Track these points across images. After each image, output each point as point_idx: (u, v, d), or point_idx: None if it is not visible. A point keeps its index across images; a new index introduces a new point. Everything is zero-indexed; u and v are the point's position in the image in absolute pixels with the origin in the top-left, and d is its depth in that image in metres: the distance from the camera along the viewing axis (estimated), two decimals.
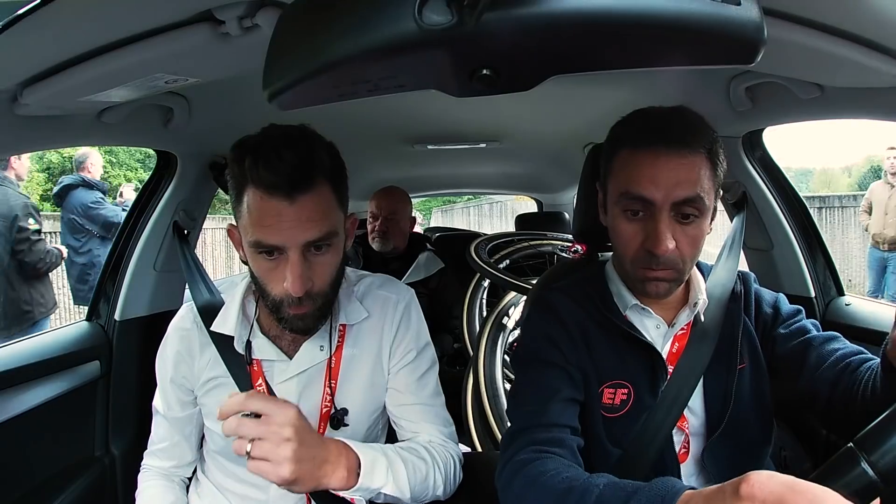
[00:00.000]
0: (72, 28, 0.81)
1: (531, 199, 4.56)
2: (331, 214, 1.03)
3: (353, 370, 1.19)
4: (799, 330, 1.09)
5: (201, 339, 1.20)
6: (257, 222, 0.99)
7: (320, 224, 1.00)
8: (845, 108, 1.20)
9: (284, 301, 1.03)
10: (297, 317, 1.06)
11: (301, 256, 1.00)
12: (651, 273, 1.01)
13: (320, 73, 0.52)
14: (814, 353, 1.04)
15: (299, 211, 0.97)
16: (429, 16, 0.46)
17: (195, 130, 1.54)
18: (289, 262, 1.00)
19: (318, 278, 1.04)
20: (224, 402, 0.91)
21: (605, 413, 1.08)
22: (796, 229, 1.65)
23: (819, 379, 1.02)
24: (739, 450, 1.07)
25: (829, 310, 1.63)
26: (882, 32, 0.82)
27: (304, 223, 0.98)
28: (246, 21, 0.81)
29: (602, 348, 1.09)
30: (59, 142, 1.31)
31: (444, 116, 2.10)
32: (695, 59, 0.54)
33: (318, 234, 1.00)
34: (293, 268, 0.99)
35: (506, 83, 0.55)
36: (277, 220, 0.97)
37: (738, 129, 1.56)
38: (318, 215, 1.00)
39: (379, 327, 1.21)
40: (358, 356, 1.19)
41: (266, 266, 1.03)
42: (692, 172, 0.97)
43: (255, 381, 1.15)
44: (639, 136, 1.01)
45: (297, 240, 0.99)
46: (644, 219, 1.00)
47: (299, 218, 0.98)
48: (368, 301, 1.22)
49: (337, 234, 1.05)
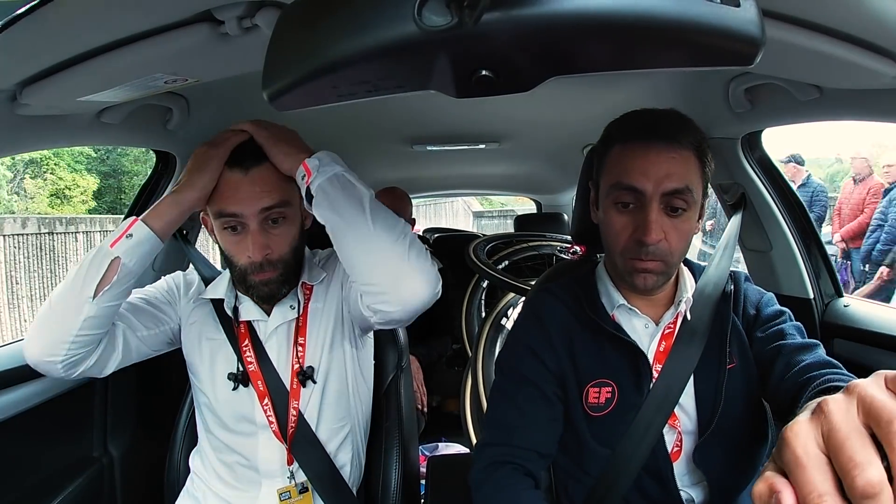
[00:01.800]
0: (71, 28, 0.81)
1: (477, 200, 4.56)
2: (283, 186, 1.16)
3: (318, 327, 1.30)
4: (774, 335, 1.09)
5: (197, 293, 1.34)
6: (219, 195, 1.15)
7: (272, 194, 1.14)
8: (844, 110, 1.20)
9: (248, 269, 1.17)
10: (262, 282, 1.19)
11: (259, 227, 1.15)
12: (640, 264, 1.03)
13: (320, 74, 0.52)
14: (782, 362, 1.04)
15: (252, 181, 1.13)
16: (428, 17, 0.46)
17: (194, 130, 1.54)
18: (248, 232, 1.15)
19: (275, 246, 1.18)
20: None
21: (592, 412, 1.10)
22: (795, 231, 1.65)
23: (780, 389, 1.02)
24: (732, 448, 1.08)
25: (828, 311, 1.63)
26: (881, 34, 0.82)
27: (258, 193, 1.13)
28: (245, 21, 0.81)
29: (586, 348, 1.12)
30: (59, 141, 1.31)
31: (444, 117, 2.10)
32: (694, 60, 0.54)
33: (271, 201, 1.14)
34: (253, 236, 1.14)
35: (505, 84, 0.55)
36: (235, 190, 1.13)
37: (737, 131, 1.56)
38: (270, 186, 1.14)
39: (338, 283, 1.32)
40: (321, 311, 1.31)
41: (232, 240, 1.17)
42: (681, 166, 1.01)
43: (242, 342, 1.27)
44: (630, 132, 1.05)
45: (254, 207, 1.13)
46: (634, 210, 1.03)
47: (253, 188, 1.13)
48: (328, 265, 1.35)
49: (290, 205, 1.18)
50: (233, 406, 1.26)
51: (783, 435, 0.44)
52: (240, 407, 1.26)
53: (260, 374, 1.25)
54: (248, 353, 1.26)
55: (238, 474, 1.27)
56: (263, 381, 1.25)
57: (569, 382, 1.12)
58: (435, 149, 2.57)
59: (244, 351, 1.26)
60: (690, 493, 1.11)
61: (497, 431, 1.12)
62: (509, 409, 1.12)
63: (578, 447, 1.12)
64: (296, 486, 1.25)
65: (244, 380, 1.25)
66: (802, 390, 0.95)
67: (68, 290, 1.08)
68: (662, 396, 1.07)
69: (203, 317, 1.31)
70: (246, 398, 1.26)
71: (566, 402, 1.13)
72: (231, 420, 1.27)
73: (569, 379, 1.12)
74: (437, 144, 2.52)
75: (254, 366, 1.25)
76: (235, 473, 1.27)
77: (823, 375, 0.94)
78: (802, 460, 0.42)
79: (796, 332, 1.09)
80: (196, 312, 1.32)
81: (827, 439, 0.42)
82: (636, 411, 1.07)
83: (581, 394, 1.11)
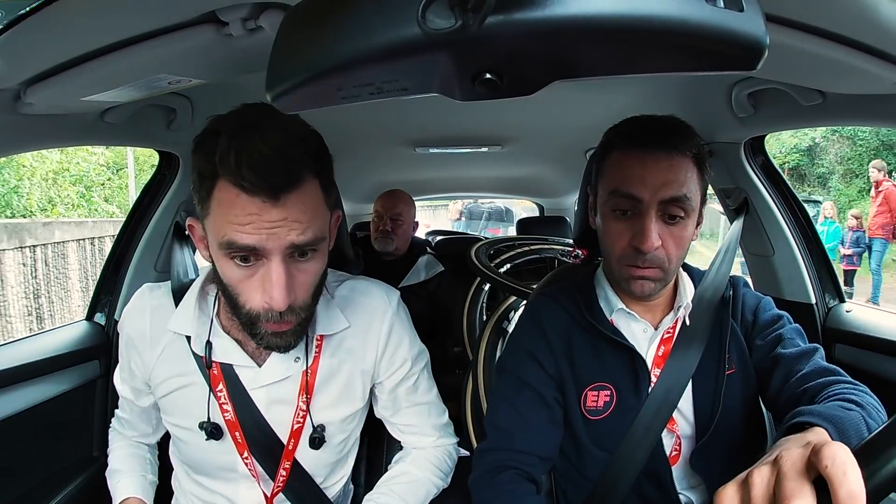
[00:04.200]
0: (75, 27, 0.81)
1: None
2: (319, 216, 0.89)
3: (330, 382, 1.11)
4: (773, 342, 1.09)
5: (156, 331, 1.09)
6: (232, 220, 0.83)
7: (308, 227, 0.86)
8: (847, 115, 1.20)
9: (262, 316, 0.89)
10: (276, 334, 0.93)
11: (283, 263, 0.86)
12: (637, 271, 1.04)
13: (323, 76, 0.52)
14: (780, 372, 1.04)
15: (284, 212, 0.83)
16: (432, 19, 0.46)
17: (198, 131, 1.53)
18: (269, 270, 0.86)
19: (300, 289, 0.90)
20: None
21: (590, 416, 1.11)
22: (797, 236, 1.65)
23: (780, 399, 1.02)
24: (731, 453, 1.08)
25: (830, 316, 1.63)
26: (884, 39, 0.82)
27: (290, 224, 0.84)
28: (249, 23, 0.81)
29: (585, 352, 1.13)
30: (62, 141, 1.32)
31: (447, 120, 2.11)
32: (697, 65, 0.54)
33: (306, 238, 0.86)
34: (277, 278, 0.85)
35: (509, 88, 0.55)
36: (257, 218, 0.82)
37: (739, 135, 1.56)
38: (305, 217, 0.85)
39: (361, 338, 1.12)
40: (336, 367, 1.11)
41: (239, 274, 0.88)
42: (679, 173, 1.01)
43: (216, 386, 1.04)
44: (629, 139, 1.05)
45: (282, 243, 0.84)
46: (632, 218, 1.03)
47: (284, 219, 0.83)
48: (350, 310, 1.12)
49: (325, 239, 0.92)
50: (208, 455, 1.09)
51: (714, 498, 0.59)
52: (216, 456, 1.09)
53: (238, 426, 1.05)
54: (223, 399, 1.05)
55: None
56: (242, 434, 1.06)
57: (567, 386, 1.12)
58: (437, 151, 2.57)
59: (218, 397, 1.04)
60: (689, 497, 1.12)
61: (498, 435, 1.12)
62: (509, 412, 1.13)
63: (577, 451, 1.13)
64: None
65: (216, 433, 1.05)
66: (800, 403, 0.95)
67: None
68: (661, 400, 1.07)
69: (172, 346, 1.08)
70: (224, 448, 1.07)
71: (565, 405, 1.13)
72: (208, 467, 1.12)
73: (567, 383, 1.12)
74: (439, 147, 2.52)
75: (230, 415, 1.05)
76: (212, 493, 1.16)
77: (821, 386, 0.94)
78: None
79: (796, 336, 1.09)
80: (165, 340, 1.08)
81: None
82: (635, 415, 1.07)
83: (579, 397, 1.12)
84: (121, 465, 1.22)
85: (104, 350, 1.67)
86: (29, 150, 1.32)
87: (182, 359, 1.06)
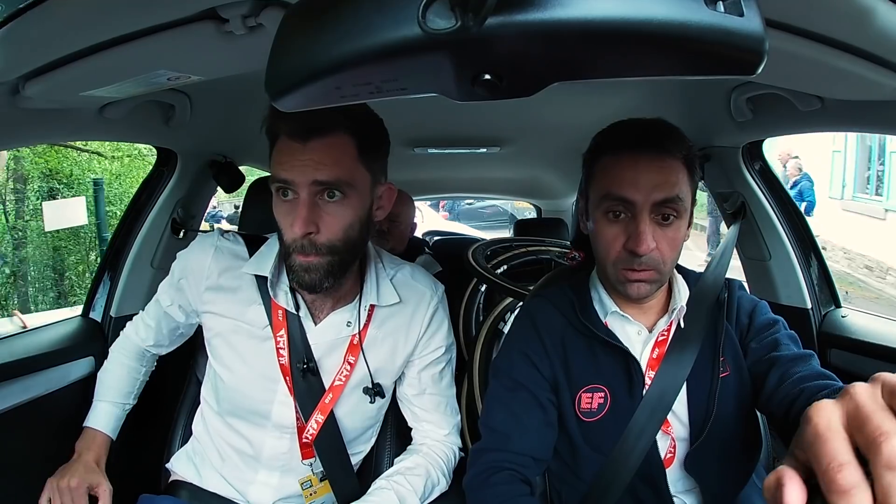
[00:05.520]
0: (75, 22, 0.81)
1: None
2: (345, 163, 1.05)
3: (375, 350, 1.22)
4: (768, 345, 1.10)
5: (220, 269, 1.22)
6: (275, 160, 1.05)
7: (331, 168, 1.03)
8: (845, 121, 1.21)
9: (293, 246, 1.06)
10: (303, 266, 1.06)
11: (310, 197, 1.03)
12: (633, 274, 1.04)
13: (323, 75, 0.52)
14: (776, 374, 1.04)
15: (311, 152, 1.02)
16: (432, 19, 0.46)
17: (196, 128, 1.54)
18: (298, 202, 1.04)
19: (325, 227, 1.05)
20: None
21: (584, 418, 1.11)
22: (794, 240, 1.65)
23: (774, 400, 1.02)
24: (725, 456, 1.08)
25: (826, 321, 1.63)
26: (883, 46, 0.83)
27: (314, 163, 1.02)
28: (250, 20, 0.81)
29: (579, 354, 1.13)
30: (60, 136, 1.31)
31: (446, 121, 2.11)
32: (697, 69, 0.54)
33: (327, 176, 1.03)
34: (301, 207, 1.03)
35: (508, 89, 0.55)
36: (290, 157, 1.03)
37: (738, 140, 1.56)
38: (329, 160, 1.03)
39: (408, 316, 1.24)
40: (380, 339, 1.22)
41: (283, 208, 1.07)
42: (671, 175, 1.02)
43: (277, 331, 1.17)
44: (619, 143, 1.06)
45: (306, 177, 1.02)
46: (625, 221, 1.04)
47: (311, 158, 1.02)
48: (403, 289, 1.25)
49: (352, 186, 1.06)
50: (248, 397, 1.21)
51: (806, 414, 0.44)
52: (255, 401, 1.20)
53: (289, 370, 1.18)
54: (281, 344, 1.18)
55: (238, 457, 1.25)
56: (291, 379, 1.18)
57: (562, 388, 1.13)
58: (436, 152, 2.57)
59: (277, 341, 1.18)
60: (683, 500, 1.12)
61: (493, 437, 1.13)
62: (504, 414, 1.13)
63: (572, 453, 1.13)
64: (316, 475, 1.26)
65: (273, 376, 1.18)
66: (796, 402, 0.95)
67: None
68: (655, 403, 1.07)
69: (238, 289, 1.20)
70: (266, 392, 1.20)
71: (559, 407, 1.13)
72: (243, 410, 1.22)
73: (562, 384, 1.13)
74: (437, 147, 2.52)
75: (285, 360, 1.17)
76: (235, 455, 1.26)
77: (818, 388, 0.94)
78: (824, 434, 0.41)
79: (791, 341, 1.10)
80: (228, 279, 1.21)
81: (852, 416, 0.42)
82: (629, 417, 1.08)
83: (574, 399, 1.12)
84: (110, 380, 1.38)
85: (100, 346, 1.66)
86: (27, 145, 1.32)
87: (244, 302, 1.20)
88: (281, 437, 1.22)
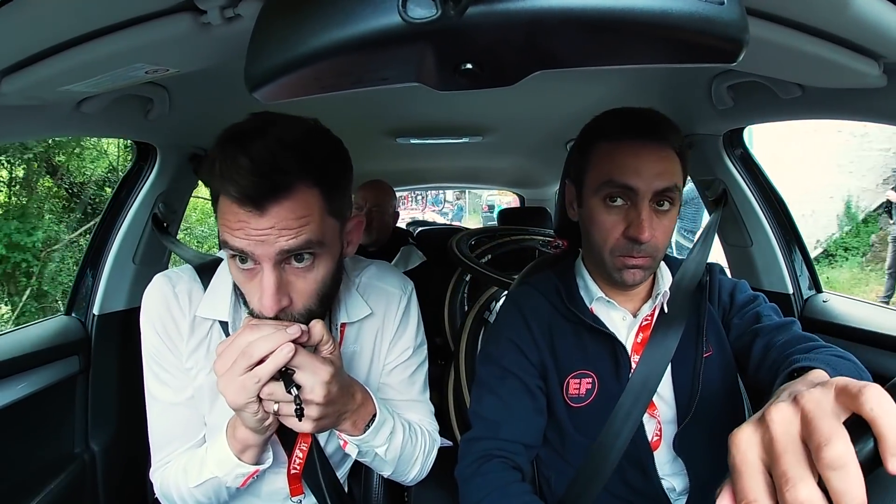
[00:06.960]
0: (51, 16, 0.79)
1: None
2: (314, 221, 0.88)
3: (351, 368, 1.13)
4: (751, 318, 1.13)
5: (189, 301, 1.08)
6: (224, 223, 0.87)
7: (297, 232, 0.86)
8: (825, 109, 1.22)
9: (260, 316, 0.90)
10: None
11: (275, 270, 0.87)
12: (631, 260, 1.06)
13: (303, 65, 0.52)
14: (761, 343, 1.07)
15: (270, 220, 0.84)
16: (413, 9, 0.46)
17: (176, 121, 1.51)
18: (262, 275, 0.87)
19: (298, 295, 0.91)
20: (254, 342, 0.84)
21: (572, 404, 1.13)
22: (775, 226, 1.67)
23: (762, 368, 1.05)
24: (711, 437, 1.10)
25: (807, 307, 1.66)
26: (863, 34, 0.83)
27: (278, 231, 0.85)
28: (228, 11, 0.80)
29: (566, 340, 1.15)
30: (38, 132, 1.29)
31: (427, 111, 2.10)
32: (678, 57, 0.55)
33: (294, 244, 0.86)
34: (267, 283, 0.86)
35: (489, 78, 0.55)
36: (245, 226, 0.84)
37: (719, 128, 1.57)
38: (294, 223, 0.85)
39: (379, 322, 1.17)
40: (358, 353, 1.15)
41: (241, 275, 0.91)
42: (670, 165, 1.04)
43: None
44: (620, 130, 1.07)
45: (271, 249, 0.85)
46: (625, 208, 1.05)
47: (272, 228, 0.84)
48: (370, 295, 1.15)
49: (322, 244, 0.90)
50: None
51: (729, 439, 0.51)
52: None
53: None
54: None
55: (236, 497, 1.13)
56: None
57: (550, 374, 1.14)
58: (418, 142, 2.57)
59: None
60: (672, 482, 1.13)
61: (483, 425, 1.13)
62: (494, 402, 1.14)
63: (561, 438, 1.14)
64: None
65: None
66: (782, 368, 0.97)
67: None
68: (640, 386, 1.09)
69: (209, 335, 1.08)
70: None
71: (548, 393, 1.15)
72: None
73: (550, 371, 1.14)
74: (420, 138, 2.52)
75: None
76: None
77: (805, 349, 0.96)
78: (739, 468, 0.48)
79: (772, 312, 1.13)
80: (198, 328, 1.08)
81: (767, 449, 0.48)
82: (615, 401, 1.09)
83: (562, 385, 1.13)
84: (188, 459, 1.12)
85: (84, 345, 1.64)
86: (3, 142, 1.30)
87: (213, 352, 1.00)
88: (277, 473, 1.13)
